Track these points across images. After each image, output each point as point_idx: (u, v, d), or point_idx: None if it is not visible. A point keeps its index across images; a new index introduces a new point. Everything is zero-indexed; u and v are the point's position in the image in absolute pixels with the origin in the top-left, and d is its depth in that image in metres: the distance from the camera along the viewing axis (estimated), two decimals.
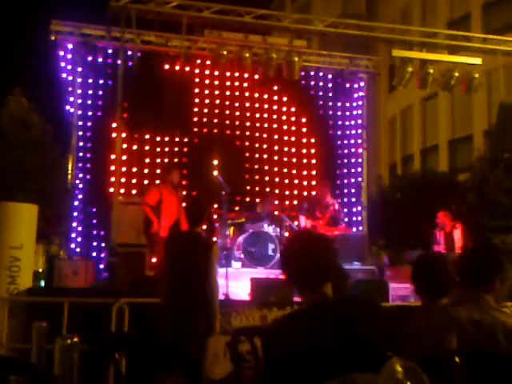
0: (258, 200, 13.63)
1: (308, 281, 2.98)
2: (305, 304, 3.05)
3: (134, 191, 13.59)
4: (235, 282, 9.69)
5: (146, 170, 13.89)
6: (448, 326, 3.35)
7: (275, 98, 15.37)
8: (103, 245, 12.98)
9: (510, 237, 13.66)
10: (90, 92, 13.83)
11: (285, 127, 15.36)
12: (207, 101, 14.78)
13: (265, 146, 15.14)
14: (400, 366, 2.50)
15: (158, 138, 14.14)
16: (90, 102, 13.80)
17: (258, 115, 15.19)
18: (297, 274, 3.04)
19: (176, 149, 14.32)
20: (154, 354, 6.18)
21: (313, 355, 2.70)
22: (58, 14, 13.76)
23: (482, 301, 3.57)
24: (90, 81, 13.82)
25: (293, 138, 15.39)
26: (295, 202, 14.97)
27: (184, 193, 13.43)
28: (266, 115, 15.25)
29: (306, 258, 2.98)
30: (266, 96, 15.30)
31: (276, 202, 14.61)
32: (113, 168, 12.81)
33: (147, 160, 13.97)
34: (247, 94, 15.18)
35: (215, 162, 12.97)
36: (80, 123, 13.70)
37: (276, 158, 15.17)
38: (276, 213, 13.93)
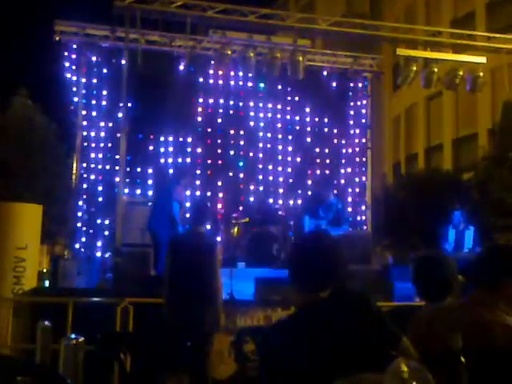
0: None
1: (312, 283, 2.96)
2: (298, 306, 3.04)
3: (138, 191, 13.61)
4: (240, 281, 9.68)
5: (150, 170, 13.89)
6: (453, 326, 3.32)
7: (280, 97, 15.35)
8: (108, 245, 12.98)
9: None
10: (95, 92, 13.84)
11: (289, 127, 15.34)
12: (211, 100, 14.76)
13: (268, 146, 15.12)
14: (406, 366, 2.49)
15: (162, 138, 14.14)
16: (94, 102, 13.82)
17: (261, 114, 15.17)
18: (302, 274, 3.01)
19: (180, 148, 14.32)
20: (158, 353, 6.19)
21: (306, 359, 2.69)
22: (63, 14, 13.79)
23: (494, 304, 3.45)
24: (95, 81, 13.84)
25: (296, 137, 15.37)
26: (299, 202, 14.95)
27: (188, 193, 13.51)
28: (269, 114, 15.24)
29: (316, 259, 2.96)
30: (268, 95, 15.28)
31: (280, 202, 14.66)
32: (117, 168, 12.81)
33: (151, 160, 13.97)
34: (250, 91, 15.14)
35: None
36: (84, 123, 13.71)
37: (280, 157, 15.15)
38: (280, 212, 13.96)
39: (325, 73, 15.65)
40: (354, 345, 2.72)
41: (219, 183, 14.40)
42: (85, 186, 13.59)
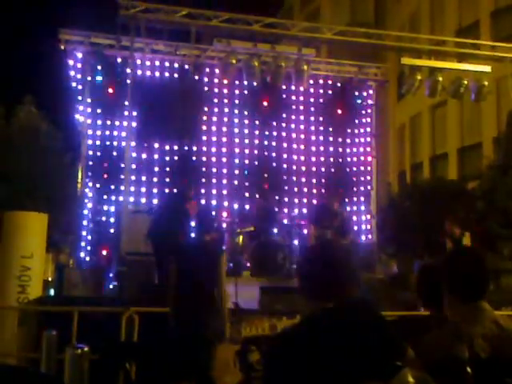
0: None
1: (320, 292, 2.96)
2: (305, 315, 3.03)
3: (143, 200, 13.60)
4: (244, 290, 9.66)
5: (155, 179, 13.89)
6: (459, 335, 3.30)
7: (283, 105, 15.35)
8: (112, 254, 12.97)
9: None
10: (100, 101, 13.85)
11: (293, 135, 15.32)
12: (216, 109, 14.77)
13: (273, 155, 15.09)
14: (411, 377, 2.49)
15: (167, 147, 14.14)
16: (99, 110, 13.83)
17: (266, 122, 15.16)
18: (310, 283, 3.02)
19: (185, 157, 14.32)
20: (163, 362, 6.17)
21: (312, 368, 2.68)
22: (68, 23, 13.82)
23: (483, 310, 3.40)
24: (100, 90, 13.85)
25: (302, 147, 15.35)
26: (304, 211, 14.93)
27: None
28: (274, 123, 15.22)
29: (325, 269, 2.96)
30: (273, 104, 15.25)
31: (285, 210, 14.64)
32: (122, 176, 12.81)
33: (156, 169, 13.97)
34: (255, 100, 15.13)
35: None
36: (89, 132, 13.74)
37: (285, 166, 15.13)
38: (285, 221, 13.94)
39: (329, 81, 15.65)
40: (359, 354, 2.71)
41: (224, 192, 14.39)
42: (90, 194, 13.60)
